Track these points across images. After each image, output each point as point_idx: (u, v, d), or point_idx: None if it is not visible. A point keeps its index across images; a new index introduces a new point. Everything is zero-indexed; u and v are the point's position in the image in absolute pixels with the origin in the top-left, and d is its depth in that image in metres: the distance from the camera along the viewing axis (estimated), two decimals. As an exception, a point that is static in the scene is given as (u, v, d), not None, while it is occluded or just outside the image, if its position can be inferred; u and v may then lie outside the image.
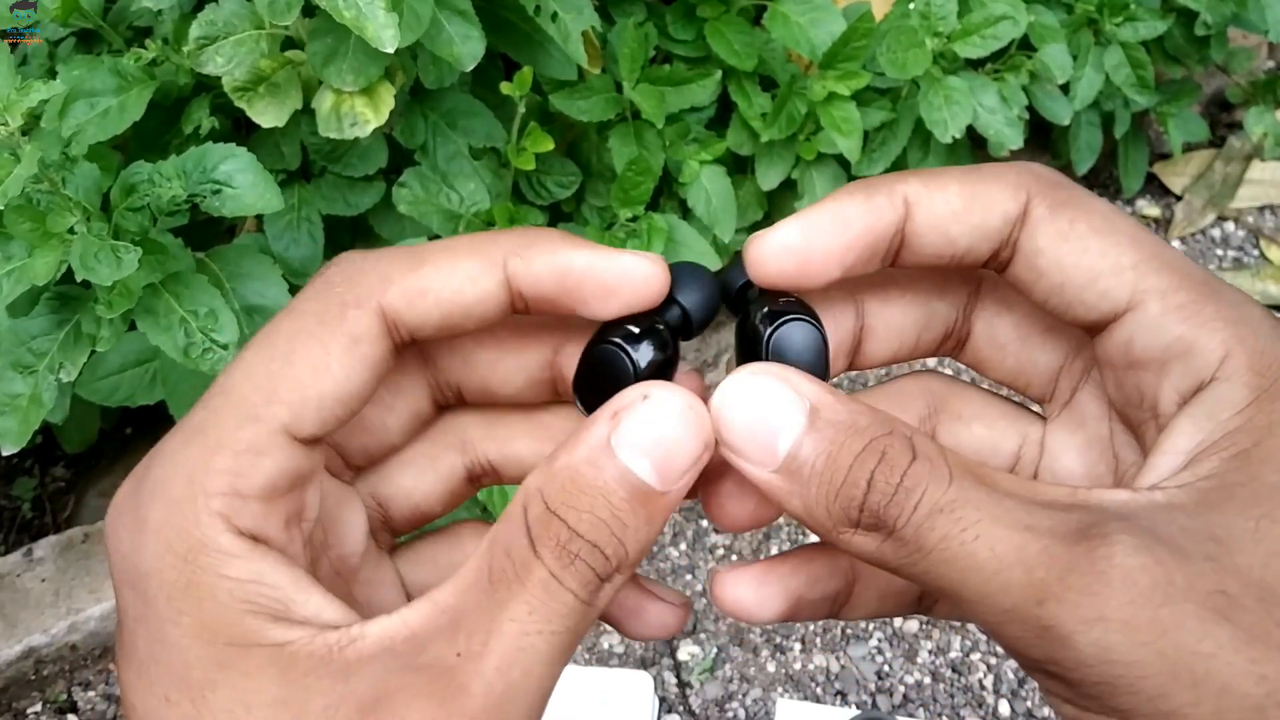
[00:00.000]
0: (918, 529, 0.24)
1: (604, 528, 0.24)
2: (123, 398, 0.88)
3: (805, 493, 0.25)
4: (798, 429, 0.25)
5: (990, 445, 0.31)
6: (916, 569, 0.24)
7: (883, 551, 0.24)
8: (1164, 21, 1.29)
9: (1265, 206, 1.61)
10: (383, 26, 0.69)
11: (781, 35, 1.09)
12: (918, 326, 0.31)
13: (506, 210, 0.95)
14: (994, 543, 0.23)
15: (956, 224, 0.27)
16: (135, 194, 0.68)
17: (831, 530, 0.25)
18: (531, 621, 0.24)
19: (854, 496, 0.24)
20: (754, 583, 0.29)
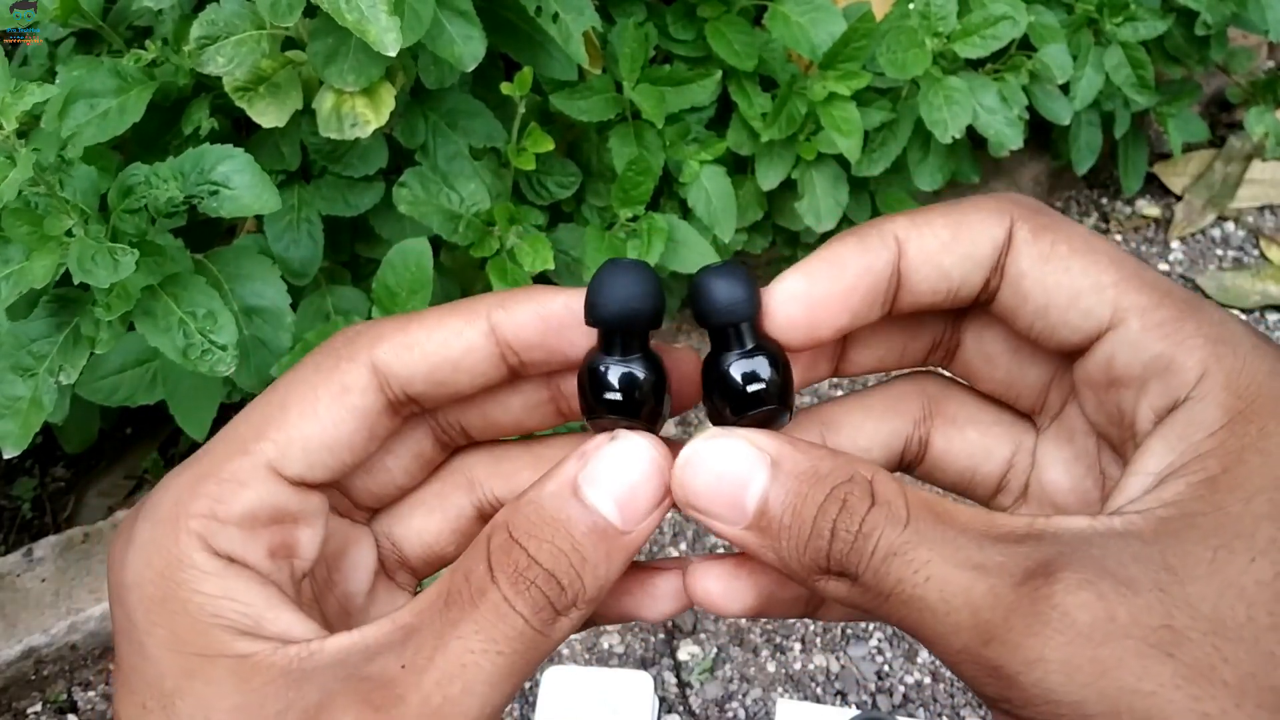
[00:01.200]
0: (876, 573, 0.24)
1: (563, 559, 0.25)
2: (123, 398, 0.88)
3: (777, 545, 0.25)
4: (762, 484, 0.26)
5: (984, 451, 0.31)
6: (881, 612, 0.24)
7: (853, 596, 0.25)
8: (1164, 21, 1.29)
9: (1265, 206, 1.61)
10: (385, 29, 0.69)
11: (782, 35, 1.09)
12: (905, 335, 0.31)
13: (506, 210, 0.94)
14: (943, 584, 0.23)
15: (947, 254, 0.27)
16: (133, 196, 0.68)
17: (807, 579, 0.25)
18: (478, 640, 0.24)
19: (820, 547, 0.25)
20: (725, 576, 0.29)
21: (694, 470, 0.26)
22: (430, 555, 0.32)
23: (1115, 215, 1.62)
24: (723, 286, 0.27)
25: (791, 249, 1.30)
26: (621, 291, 0.26)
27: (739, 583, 0.29)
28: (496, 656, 0.24)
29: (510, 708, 1.09)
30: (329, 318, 0.92)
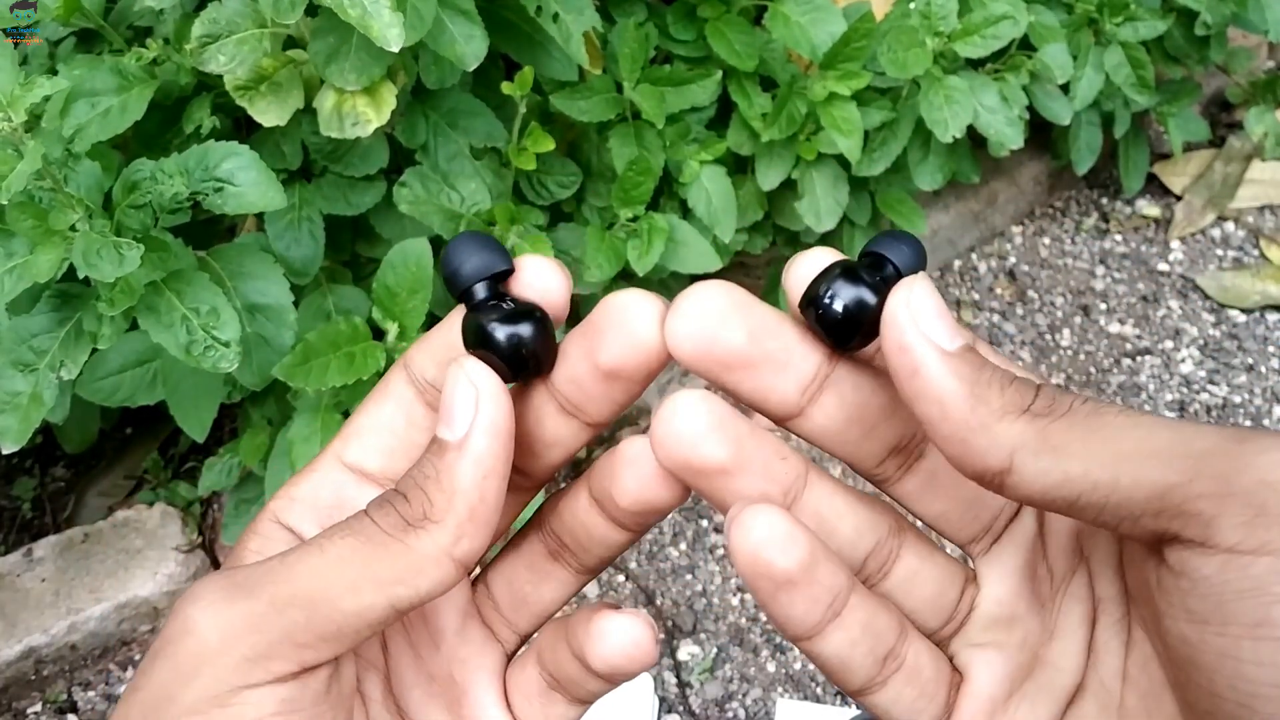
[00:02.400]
0: (1075, 418, 0.24)
1: (408, 480, 0.27)
2: (123, 398, 0.88)
3: (976, 374, 0.25)
4: (968, 337, 0.26)
5: (949, 576, 0.30)
6: (1076, 452, 0.23)
7: (1045, 431, 0.24)
8: (1164, 21, 1.30)
9: (1265, 206, 1.61)
10: (388, 25, 0.69)
11: (782, 35, 1.09)
12: (876, 416, 0.29)
13: (507, 210, 0.95)
14: (1148, 433, 0.23)
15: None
16: (137, 191, 0.68)
17: (998, 414, 0.24)
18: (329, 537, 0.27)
19: (1028, 387, 0.25)
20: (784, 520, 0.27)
21: (921, 290, 0.25)
22: (515, 598, 0.32)
23: (1115, 215, 1.62)
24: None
25: (791, 249, 1.30)
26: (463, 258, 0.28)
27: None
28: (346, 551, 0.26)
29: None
30: (330, 317, 0.92)
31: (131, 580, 1.10)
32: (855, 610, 0.27)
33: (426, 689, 0.31)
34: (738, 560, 0.26)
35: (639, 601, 1.16)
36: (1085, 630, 0.28)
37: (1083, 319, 1.48)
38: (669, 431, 0.27)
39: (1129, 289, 1.52)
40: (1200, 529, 0.22)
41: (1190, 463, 0.22)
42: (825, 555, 0.26)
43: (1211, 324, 1.47)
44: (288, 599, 0.25)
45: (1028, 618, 0.29)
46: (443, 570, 0.26)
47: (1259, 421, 1.35)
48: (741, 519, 0.26)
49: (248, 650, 0.25)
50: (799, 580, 0.26)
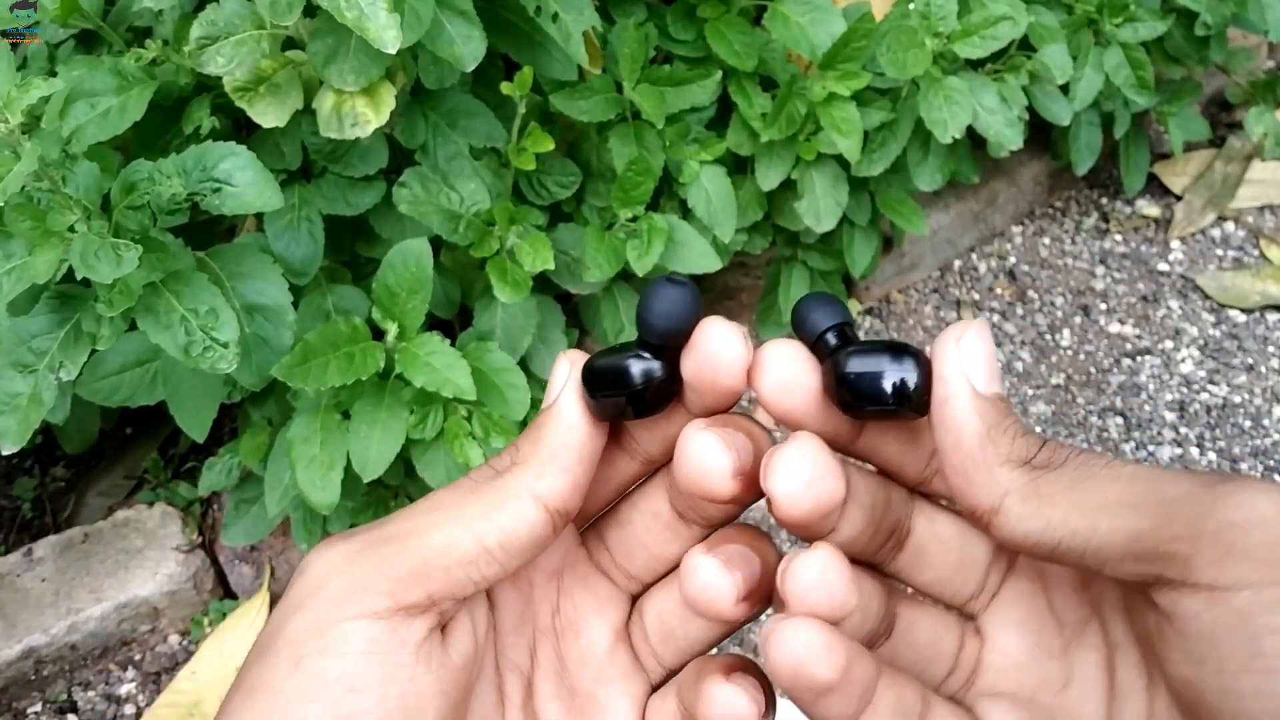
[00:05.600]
0: (1075, 468, 0.26)
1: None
2: (123, 398, 0.88)
3: (997, 420, 0.27)
4: (1003, 391, 0.28)
5: (944, 627, 0.31)
6: (1059, 501, 0.25)
7: (1035, 481, 0.26)
8: (1164, 22, 1.29)
9: (1265, 206, 1.61)
10: (384, 27, 0.69)
11: (781, 35, 1.09)
12: (882, 510, 0.31)
13: (507, 210, 0.94)
14: (1139, 480, 0.25)
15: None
16: (135, 192, 0.68)
17: (1001, 459, 0.27)
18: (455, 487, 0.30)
19: (1034, 440, 0.27)
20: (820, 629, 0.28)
21: (977, 335, 0.28)
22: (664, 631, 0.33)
23: (1115, 215, 1.62)
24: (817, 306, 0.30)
25: (791, 249, 1.30)
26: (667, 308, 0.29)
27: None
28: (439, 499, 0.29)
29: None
30: (329, 317, 0.92)
31: (131, 580, 1.10)
32: (884, 693, 0.28)
33: (567, 703, 0.32)
34: (779, 674, 0.26)
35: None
36: (1104, 676, 0.28)
37: (1083, 319, 1.48)
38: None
39: (1129, 289, 1.52)
40: (1179, 569, 0.23)
41: (1163, 508, 0.23)
42: (858, 654, 0.27)
43: (1211, 324, 1.47)
44: (382, 538, 0.28)
45: (1040, 667, 0.29)
46: (523, 505, 0.28)
47: (1259, 422, 1.35)
48: (781, 636, 0.26)
49: (345, 583, 0.27)
50: (839, 686, 0.26)
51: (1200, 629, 0.22)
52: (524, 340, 1.01)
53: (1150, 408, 1.37)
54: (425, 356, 0.85)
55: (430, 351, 0.86)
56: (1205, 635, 0.22)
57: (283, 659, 0.26)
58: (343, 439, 0.87)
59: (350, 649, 0.26)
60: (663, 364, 0.29)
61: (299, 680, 0.26)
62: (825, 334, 0.30)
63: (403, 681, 0.27)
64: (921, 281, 1.52)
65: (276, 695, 0.26)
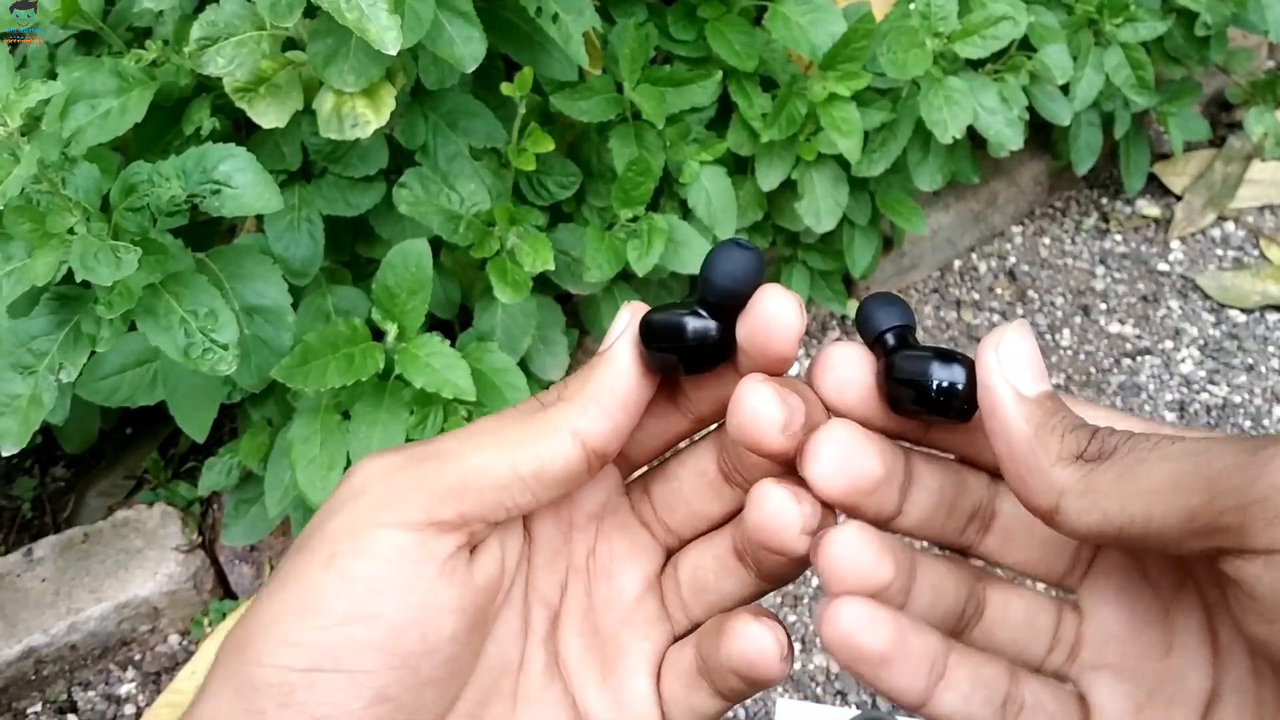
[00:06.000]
0: (1130, 450, 0.26)
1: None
2: (123, 398, 0.88)
3: (1044, 421, 0.27)
4: (1048, 386, 0.28)
5: (1038, 606, 0.32)
6: (1113, 492, 0.26)
7: (1089, 477, 0.26)
8: (1164, 22, 1.29)
9: (1265, 206, 1.61)
10: (385, 28, 0.69)
11: (782, 36, 1.09)
12: (954, 494, 0.32)
13: (507, 210, 0.95)
14: (1188, 454, 0.25)
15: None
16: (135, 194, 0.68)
17: (1053, 459, 0.27)
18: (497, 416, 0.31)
19: (1084, 433, 0.27)
20: (866, 604, 0.29)
21: (1017, 339, 0.28)
22: (696, 585, 0.34)
23: (1115, 215, 1.62)
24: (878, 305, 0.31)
25: (791, 249, 1.30)
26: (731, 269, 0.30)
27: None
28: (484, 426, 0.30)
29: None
30: (329, 318, 0.92)
31: (131, 580, 1.10)
32: (958, 667, 0.29)
33: (589, 640, 0.33)
34: (835, 651, 0.28)
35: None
36: (1206, 637, 0.28)
37: (1083, 319, 1.48)
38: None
39: (1129, 289, 1.52)
40: (1235, 539, 0.23)
41: (1211, 483, 0.24)
42: (913, 626, 0.28)
43: (1211, 324, 1.47)
44: (425, 455, 0.29)
45: (1141, 635, 0.30)
46: (562, 440, 0.29)
47: (1259, 422, 1.35)
48: (829, 614, 0.28)
49: (384, 492, 0.28)
50: (894, 656, 0.27)
51: (1264, 591, 0.23)
52: (524, 341, 1.01)
53: (1150, 408, 1.37)
54: (425, 357, 0.85)
55: (430, 352, 0.86)
56: (1270, 595, 0.23)
57: (317, 555, 0.28)
58: (343, 439, 0.87)
59: (380, 553, 0.27)
60: (719, 324, 0.30)
61: (329, 576, 0.27)
62: (884, 334, 0.31)
63: (423, 591, 0.28)
64: (921, 281, 1.52)
65: (307, 586, 0.27)
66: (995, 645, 0.31)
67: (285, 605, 0.27)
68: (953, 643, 0.29)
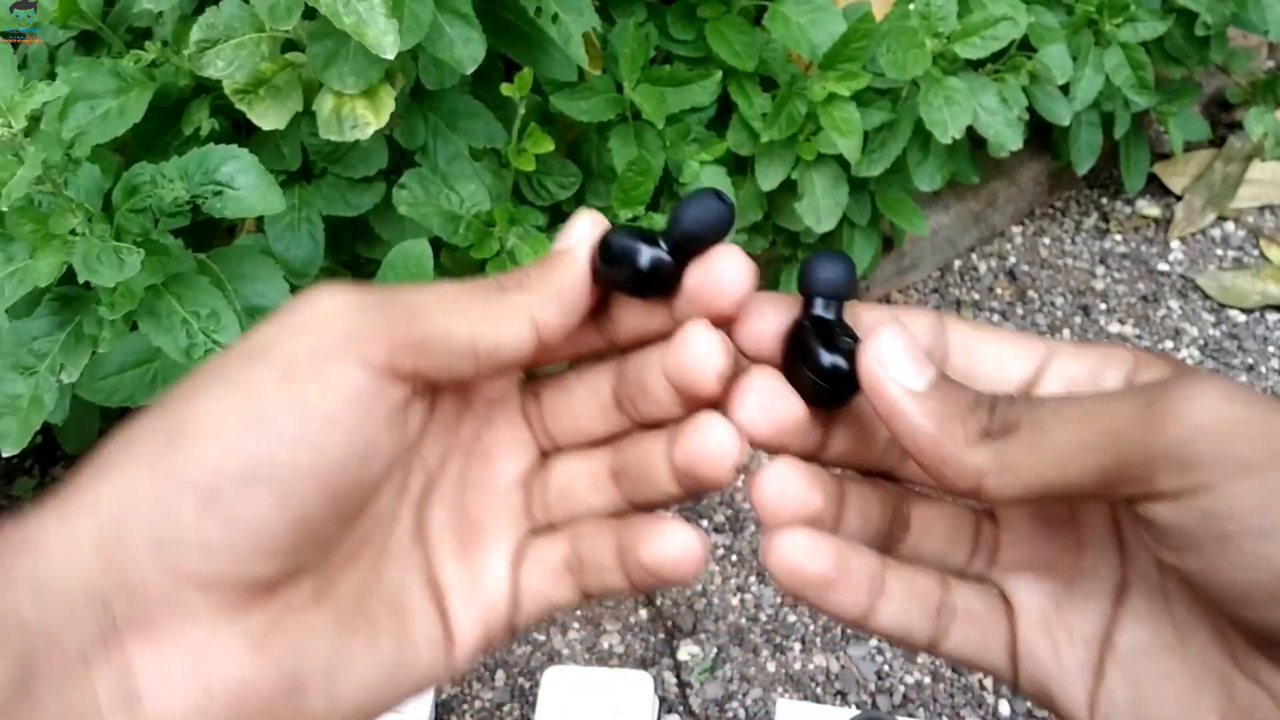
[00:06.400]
0: (1032, 421, 0.27)
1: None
2: (123, 398, 0.88)
3: (942, 409, 0.28)
4: (933, 370, 0.29)
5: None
6: (1028, 464, 0.27)
7: (1001, 454, 0.27)
8: (1164, 22, 1.29)
9: (1265, 206, 1.61)
10: (383, 33, 0.69)
11: (782, 36, 1.09)
12: (876, 425, 0.34)
13: (507, 211, 0.95)
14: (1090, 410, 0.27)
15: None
16: (137, 195, 0.68)
17: (962, 446, 0.28)
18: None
19: (982, 407, 0.28)
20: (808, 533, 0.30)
21: (893, 333, 0.29)
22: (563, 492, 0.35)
23: (1115, 215, 1.62)
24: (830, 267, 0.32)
25: (791, 249, 1.30)
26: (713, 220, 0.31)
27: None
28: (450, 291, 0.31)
29: (510, 707, 1.09)
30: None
31: (132, 580, 1.10)
32: (895, 582, 0.31)
33: (454, 517, 0.34)
34: (780, 579, 0.30)
35: (639, 602, 1.16)
36: (1112, 535, 0.31)
37: (1083, 319, 1.48)
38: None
39: (1129, 289, 1.52)
40: (1145, 489, 0.26)
41: (1116, 441, 0.26)
42: (850, 548, 0.30)
43: (1211, 324, 1.47)
44: (391, 302, 0.29)
45: (1053, 537, 0.32)
46: (521, 325, 0.30)
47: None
48: (773, 545, 0.30)
49: (350, 326, 0.28)
50: (836, 578, 0.30)
51: (1175, 528, 0.25)
52: (524, 341, 1.01)
53: (1150, 408, 1.37)
54: (425, 358, 0.85)
55: (430, 353, 0.86)
56: (1180, 532, 0.25)
57: (274, 370, 0.27)
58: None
59: (339, 385, 0.27)
60: (674, 261, 0.31)
61: (285, 395, 0.27)
62: (811, 300, 0.31)
63: (369, 433, 0.28)
64: (921, 281, 1.52)
65: (258, 399, 0.27)
66: (923, 557, 0.33)
67: (231, 411, 0.27)
68: (887, 559, 0.31)
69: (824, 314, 0.31)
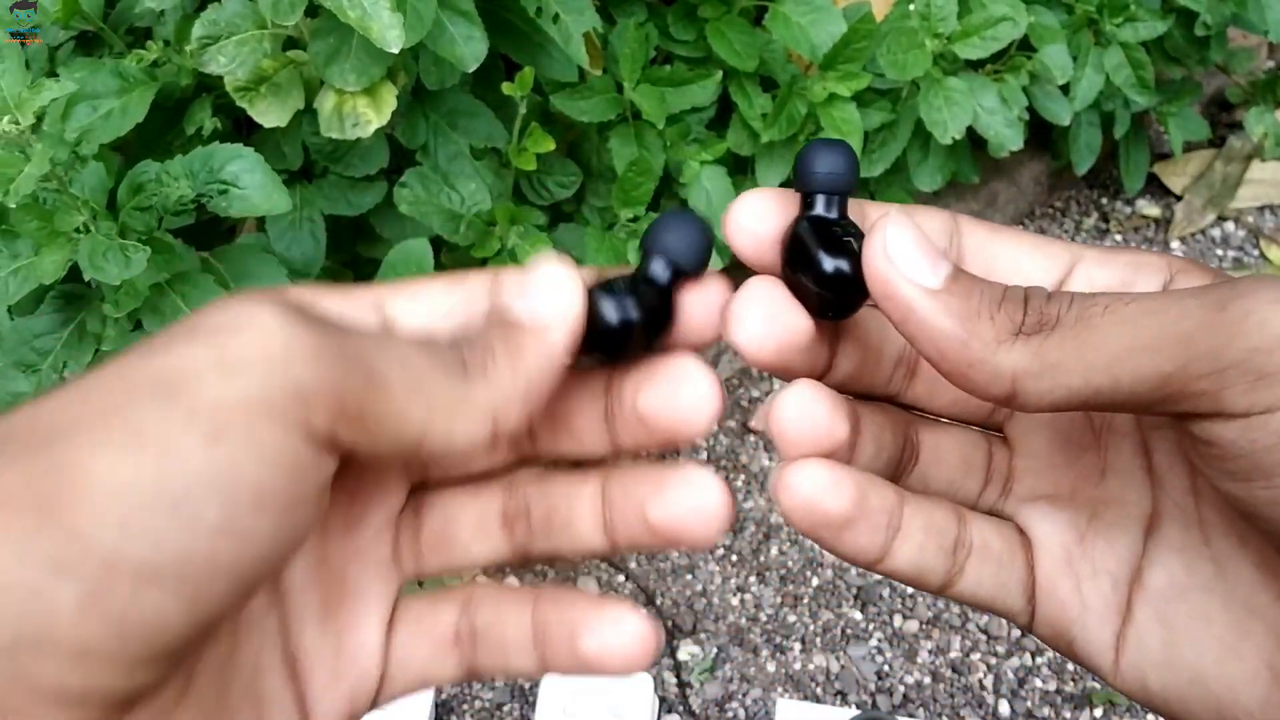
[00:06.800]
0: (1080, 316, 0.24)
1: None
2: (124, 397, 0.88)
3: (965, 306, 0.25)
4: (950, 264, 0.25)
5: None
6: (1073, 366, 0.24)
7: (1041, 353, 0.24)
8: (1164, 22, 1.30)
9: (1265, 206, 1.61)
10: (388, 27, 0.69)
11: (782, 36, 1.09)
12: (879, 342, 0.30)
13: (507, 210, 0.95)
14: (1144, 311, 0.24)
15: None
16: (143, 193, 0.69)
17: (992, 345, 0.24)
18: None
19: (1014, 301, 0.25)
20: (825, 466, 0.27)
21: (899, 225, 0.25)
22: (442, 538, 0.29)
23: (1115, 215, 1.62)
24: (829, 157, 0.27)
25: (792, 249, 1.30)
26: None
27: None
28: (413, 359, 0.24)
29: (510, 707, 1.09)
30: (331, 317, 0.92)
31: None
32: (912, 518, 0.27)
33: (315, 571, 0.27)
34: (793, 518, 0.26)
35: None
36: (1141, 460, 0.28)
37: (1082, 319, 1.48)
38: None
39: (1128, 289, 1.52)
40: (1210, 404, 0.23)
41: (1181, 346, 0.23)
42: (871, 482, 0.27)
43: (1211, 324, 1.47)
44: (350, 354, 0.22)
45: (1073, 463, 0.29)
46: (479, 425, 0.24)
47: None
48: (788, 479, 0.26)
49: (297, 377, 0.21)
50: (856, 516, 0.26)
51: (1240, 452, 0.23)
52: (525, 340, 1.01)
53: (1150, 407, 1.37)
54: (427, 357, 0.85)
55: (432, 352, 0.86)
56: (1245, 458, 0.23)
57: (199, 423, 0.20)
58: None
59: (275, 456, 0.21)
60: (670, 310, 0.27)
61: (211, 460, 0.20)
62: (810, 196, 0.27)
63: (296, 518, 0.22)
64: (921, 281, 1.52)
65: (178, 463, 0.20)
66: (932, 487, 0.30)
67: (136, 477, 0.20)
68: (904, 493, 0.28)
69: (825, 213, 0.27)
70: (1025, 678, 1.11)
